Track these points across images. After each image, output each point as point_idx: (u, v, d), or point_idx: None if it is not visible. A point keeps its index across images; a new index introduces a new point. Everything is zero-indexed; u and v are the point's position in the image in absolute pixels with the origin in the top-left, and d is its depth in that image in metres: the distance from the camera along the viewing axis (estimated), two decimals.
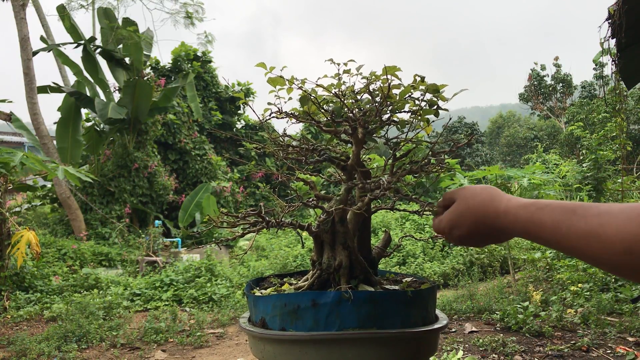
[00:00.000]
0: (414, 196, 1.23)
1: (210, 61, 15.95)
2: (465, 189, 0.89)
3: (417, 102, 1.27)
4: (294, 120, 1.34)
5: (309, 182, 1.35)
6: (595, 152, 10.51)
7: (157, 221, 10.15)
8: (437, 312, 1.27)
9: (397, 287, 1.31)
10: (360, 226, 1.33)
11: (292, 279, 1.52)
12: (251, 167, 14.64)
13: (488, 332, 4.12)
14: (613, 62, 3.60)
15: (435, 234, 0.99)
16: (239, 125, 17.44)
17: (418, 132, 1.35)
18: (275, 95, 1.30)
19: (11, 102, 6.18)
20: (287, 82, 1.28)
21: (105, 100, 11.14)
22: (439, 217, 0.92)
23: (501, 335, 3.94)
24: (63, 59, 11.07)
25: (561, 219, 0.67)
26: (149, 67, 14.33)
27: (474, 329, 4.25)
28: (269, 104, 1.31)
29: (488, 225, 0.81)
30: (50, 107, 12.39)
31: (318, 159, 1.28)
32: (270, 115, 1.32)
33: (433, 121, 1.35)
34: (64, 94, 10.55)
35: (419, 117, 1.30)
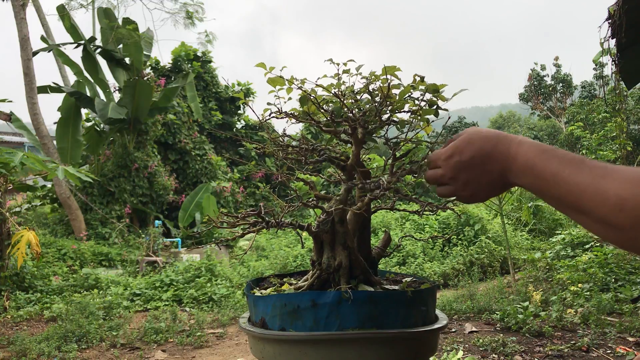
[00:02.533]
0: (414, 196, 1.23)
1: (210, 61, 15.95)
2: (473, 128, 0.83)
3: (416, 102, 1.27)
4: (293, 120, 1.34)
5: (308, 182, 1.35)
6: (595, 152, 10.51)
7: (157, 221, 10.16)
8: (437, 312, 1.27)
9: (397, 287, 1.31)
10: (360, 226, 1.33)
11: (292, 279, 1.52)
12: (251, 167, 14.64)
13: (488, 332, 4.12)
14: (613, 62, 3.60)
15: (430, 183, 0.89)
16: (239, 125, 17.44)
17: (418, 132, 1.35)
18: (275, 95, 1.30)
19: (11, 102, 6.18)
20: (286, 82, 1.28)
21: (105, 100, 11.14)
22: (439, 149, 0.85)
23: (501, 335, 3.94)
24: (63, 59, 11.07)
25: (569, 162, 0.66)
26: (149, 67, 14.33)
27: (474, 329, 4.25)
28: (269, 104, 1.31)
29: (497, 154, 0.76)
30: (50, 107, 12.39)
31: (318, 159, 1.28)
32: (270, 115, 1.32)
33: (433, 121, 1.35)
34: (64, 94, 10.56)
35: (419, 117, 1.30)
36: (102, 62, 11.70)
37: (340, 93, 1.27)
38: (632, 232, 0.58)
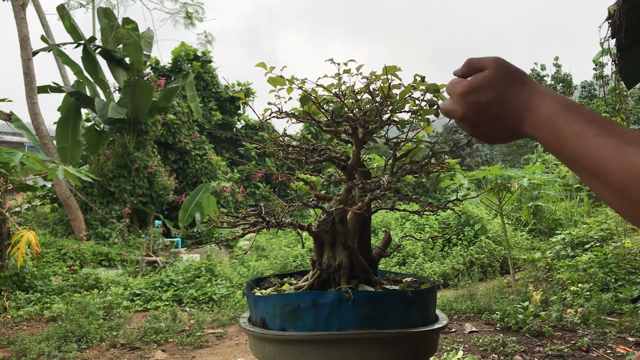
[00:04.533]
0: (414, 196, 1.23)
1: (210, 61, 15.95)
2: (499, 59, 0.74)
3: (417, 102, 1.27)
4: (294, 120, 1.34)
5: (309, 182, 1.35)
6: None
7: (157, 221, 10.16)
8: (437, 312, 1.27)
9: (397, 287, 1.31)
10: (360, 226, 1.33)
11: (292, 279, 1.52)
12: (251, 167, 14.63)
13: (488, 332, 4.12)
14: (613, 62, 3.60)
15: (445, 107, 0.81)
16: (239, 125, 17.44)
17: (418, 132, 1.35)
18: (275, 95, 1.30)
19: (11, 101, 6.18)
20: (287, 82, 1.28)
21: (105, 100, 11.14)
22: (457, 79, 0.77)
23: (501, 335, 3.94)
24: (63, 59, 11.07)
25: (596, 123, 0.61)
26: (149, 67, 14.32)
27: (474, 329, 4.25)
28: (269, 103, 1.31)
29: (517, 103, 0.70)
30: (50, 107, 12.40)
31: (318, 159, 1.28)
32: (270, 115, 1.32)
33: (433, 121, 1.35)
34: (64, 94, 10.56)
35: (419, 117, 1.30)
36: (102, 62, 11.71)
37: (340, 93, 1.27)
38: None
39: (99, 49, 11.49)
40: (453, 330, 4.31)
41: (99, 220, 10.10)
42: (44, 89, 10.38)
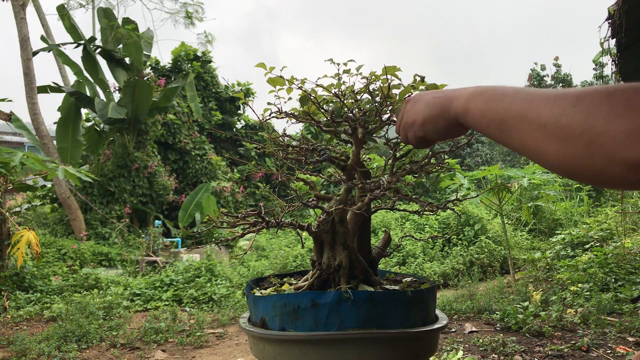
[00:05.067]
0: (414, 196, 1.23)
1: (210, 61, 15.95)
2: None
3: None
4: (294, 120, 1.34)
5: (309, 182, 1.35)
6: None
7: (157, 221, 10.16)
8: (437, 312, 1.27)
9: (397, 287, 1.31)
10: (360, 226, 1.33)
11: (292, 279, 1.52)
12: (251, 167, 14.63)
13: (488, 332, 4.12)
14: (613, 62, 3.60)
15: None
16: (239, 125, 17.44)
17: None
18: (275, 95, 1.30)
19: (11, 101, 6.18)
20: (286, 82, 1.28)
21: (105, 100, 11.14)
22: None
23: (501, 335, 3.94)
24: (63, 59, 11.07)
25: (520, 97, 0.62)
26: (149, 67, 14.32)
27: (474, 329, 4.25)
28: (269, 104, 1.31)
29: (443, 97, 0.79)
30: (50, 107, 12.42)
31: (318, 159, 1.28)
32: (270, 115, 1.32)
33: None
34: (64, 94, 10.55)
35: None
36: (102, 62, 11.71)
37: (340, 93, 1.27)
38: (580, 134, 0.52)
39: (99, 49, 11.49)
40: (453, 330, 4.31)
41: (99, 220, 10.10)
42: (44, 89, 10.38)
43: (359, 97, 1.29)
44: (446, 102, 0.78)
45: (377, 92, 1.24)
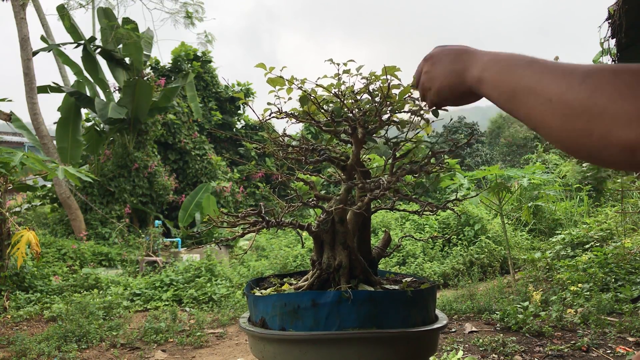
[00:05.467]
0: (413, 196, 1.23)
1: (210, 61, 15.95)
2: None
3: (416, 102, 1.27)
4: (293, 120, 1.34)
5: (309, 182, 1.35)
6: None
7: (157, 221, 10.15)
8: (437, 312, 1.27)
9: (397, 287, 1.31)
10: (360, 226, 1.33)
11: (292, 279, 1.52)
12: (251, 167, 14.64)
13: (488, 332, 4.12)
14: (613, 62, 3.60)
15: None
16: (239, 125, 17.44)
17: (418, 132, 1.35)
18: (275, 95, 1.30)
19: (11, 101, 6.18)
20: (286, 82, 1.28)
21: (105, 100, 11.14)
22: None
23: (501, 335, 3.94)
24: (63, 59, 11.07)
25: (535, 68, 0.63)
26: (149, 67, 14.32)
27: (474, 329, 4.25)
28: (269, 104, 1.31)
29: (461, 65, 0.81)
30: (50, 107, 12.39)
31: (318, 159, 1.28)
32: (270, 115, 1.32)
33: (433, 121, 1.35)
34: (64, 94, 10.55)
35: (419, 117, 1.30)
36: (102, 62, 11.71)
37: (340, 93, 1.27)
38: (583, 111, 0.53)
39: (99, 49, 11.49)
40: (453, 330, 4.31)
41: (99, 220, 10.10)
42: (44, 89, 10.38)
43: (358, 97, 1.29)
44: (462, 70, 0.80)
45: (377, 92, 1.24)
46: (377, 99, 1.24)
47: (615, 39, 3.38)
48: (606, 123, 0.51)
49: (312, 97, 1.27)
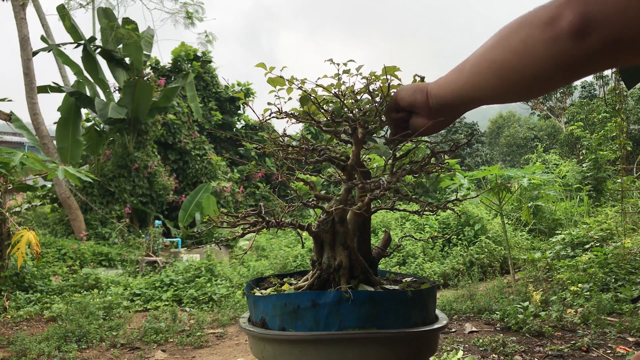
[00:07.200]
0: (414, 196, 1.23)
1: (210, 61, 15.95)
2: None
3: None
4: (294, 120, 1.34)
5: (309, 182, 1.35)
6: (595, 152, 10.52)
7: (157, 221, 10.16)
8: (437, 312, 1.27)
9: (397, 287, 1.31)
10: (360, 226, 1.33)
11: (292, 279, 1.52)
12: (251, 167, 14.64)
13: (488, 332, 4.12)
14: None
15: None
16: (239, 125, 17.45)
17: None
18: (275, 95, 1.30)
19: (11, 101, 6.19)
20: (287, 82, 1.28)
21: (105, 100, 11.15)
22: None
23: (501, 335, 3.94)
24: (63, 59, 11.07)
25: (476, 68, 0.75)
26: (149, 67, 14.33)
27: (474, 329, 4.25)
28: (269, 104, 1.31)
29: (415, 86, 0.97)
30: (50, 107, 12.39)
31: (318, 159, 1.28)
32: (270, 115, 1.32)
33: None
34: (64, 94, 10.56)
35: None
36: (102, 62, 11.72)
37: (340, 93, 1.27)
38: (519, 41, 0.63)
39: (99, 49, 11.49)
40: (453, 330, 4.31)
41: (99, 220, 10.10)
42: (44, 89, 10.38)
43: (358, 97, 1.29)
44: (424, 87, 0.97)
45: (377, 92, 1.24)
46: (377, 99, 1.24)
47: None
48: (537, 32, 0.60)
49: (312, 97, 1.27)
